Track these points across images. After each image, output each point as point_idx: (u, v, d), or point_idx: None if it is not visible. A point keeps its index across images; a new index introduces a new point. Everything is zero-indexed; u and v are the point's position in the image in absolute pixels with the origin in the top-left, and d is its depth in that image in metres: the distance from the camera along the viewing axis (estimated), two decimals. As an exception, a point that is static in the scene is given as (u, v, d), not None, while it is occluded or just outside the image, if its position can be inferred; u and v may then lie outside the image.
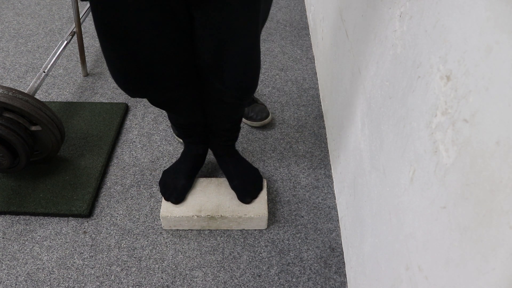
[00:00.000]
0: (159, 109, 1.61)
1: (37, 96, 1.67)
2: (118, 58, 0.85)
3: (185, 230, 1.23)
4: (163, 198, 1.22)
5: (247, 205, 1.20)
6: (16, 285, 1.11)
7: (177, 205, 1.20)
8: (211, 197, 1.22)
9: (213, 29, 0.82)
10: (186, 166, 1.25)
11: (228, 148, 1.26)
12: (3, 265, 1.15)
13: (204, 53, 0.88)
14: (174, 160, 1.43)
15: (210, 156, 1.43)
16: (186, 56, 0.91)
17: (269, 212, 1.27)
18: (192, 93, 1.02)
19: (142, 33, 0.80)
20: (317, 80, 1.74)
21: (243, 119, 1.54)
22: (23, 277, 1.13)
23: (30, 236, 1.22)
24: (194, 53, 0.92)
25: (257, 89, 1.69)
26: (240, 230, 1.23)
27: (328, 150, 1.46)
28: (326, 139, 1.50)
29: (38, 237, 1.21)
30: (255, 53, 0.89)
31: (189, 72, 0.95)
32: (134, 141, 1.49)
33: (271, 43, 1.94)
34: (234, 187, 1.22)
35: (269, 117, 1.52)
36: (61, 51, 1.53)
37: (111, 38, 0.81)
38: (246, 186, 1.22)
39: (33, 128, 1.25)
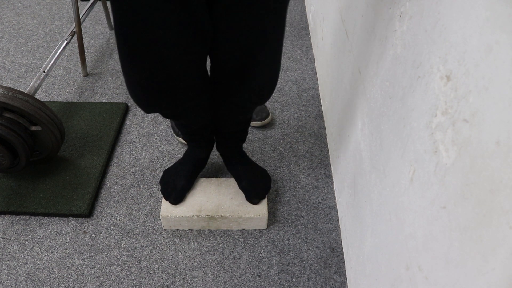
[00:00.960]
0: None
1: (37, 96, 1.67)
2: (141, 76, 0.85)
3: (185, 230, 1.23)
4: (163, 197, 1.22)
5: (247, 205, 1.20)
6: (16, 285, 1.11)
7: (177, 205, 1.20)
8: (211, 197, 1.22)
9: (241, 37, 0.82)
10: (188, 168, 1.25)
11: (236, 150, 1.26)
12: (3, 265, 1.15)
13: (230, 60, 0.88)
14: (174, 160, 1.43)
15: (210, 156, 1.43)
16: (204, 67, 0.92)
17: (269, 212, 1.27)
18: (204, 102, 1.02)
19: (168, 47, 0.80)
20: (317, 80, 1.74)
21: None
22: (23, 277, 1.13)
23: (30, 236, 1.22)
24: (216, 60, 0.92)
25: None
26: (240, 230, 1.23)
27: (328, 150, 1.46)
28: (326, 139, 1.50)
29: (38, 237, 1.21)
30: (279, 57, 0.91)
31: (203, 82, 0.96)
32: (134, 141, 1.49)
33: (271, 43, 1.94)
34: (242, 187, 1.22)
35: (269, 117, 1.52)
36: (61, 51, 1.53)
37: (135, 55, 0.80)
38: (255, 187, 1.21)
39: (33, 128, 1.25)
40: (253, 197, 1.20)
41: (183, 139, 1.47)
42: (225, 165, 1.30)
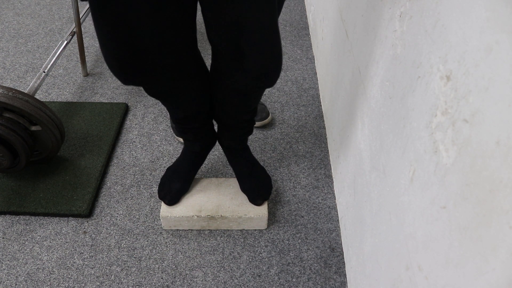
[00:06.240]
0: (159, 109, 1.61)
1: (37, 96, 1.67)
2: (112, 41, 0.79)
3: (185, 230, 1.23)
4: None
5: (247, 205, 1.20)
6: (16, 285, 1.11)
7: (177, 205, 1.20)
8: (211, 197, 1.22)
9: (228, 13, 0.77)
10: (184, 166, 1.22)
11: (242, 143, 1.20)
12: (3, 265, 1.15)
13: (221, 39, 0.82)
14: (174, 160, 1.42)
15: (209, 155, 1.43)
16: (188, 45, 0.86)
17: (269, 212, 1.27)
18: (192, 85, 0.96)
19: (139, 14, 0.75)
20: (317, 80, 1.74)
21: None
22: (23, 277, 1.13)
23: (30, 236, 1.22)
24: (209, 41, 0.87)
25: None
26: (240, 230, 1.23)
27: (328, 150, 1.46)
28: (326, 139, 1.50)
29: (38, 237, 1.21)
30: (275, 31, 0.83)
31: (190, 62, 0.90)
32: (134, 141, 1.49)
33: (271, 43, 1.94)
34: (245, 189, 1.21)
35: (269, 117, 1.52)
36: (61, 51, 1.53)
37: (106, 17, 0.76)
38: (258, 188, 1.20)
39: (33, 128, 1.25)
40: (257, 199, 1.20)
41: (177, 134, 1.46)
42: (228, 161, 1.25)
